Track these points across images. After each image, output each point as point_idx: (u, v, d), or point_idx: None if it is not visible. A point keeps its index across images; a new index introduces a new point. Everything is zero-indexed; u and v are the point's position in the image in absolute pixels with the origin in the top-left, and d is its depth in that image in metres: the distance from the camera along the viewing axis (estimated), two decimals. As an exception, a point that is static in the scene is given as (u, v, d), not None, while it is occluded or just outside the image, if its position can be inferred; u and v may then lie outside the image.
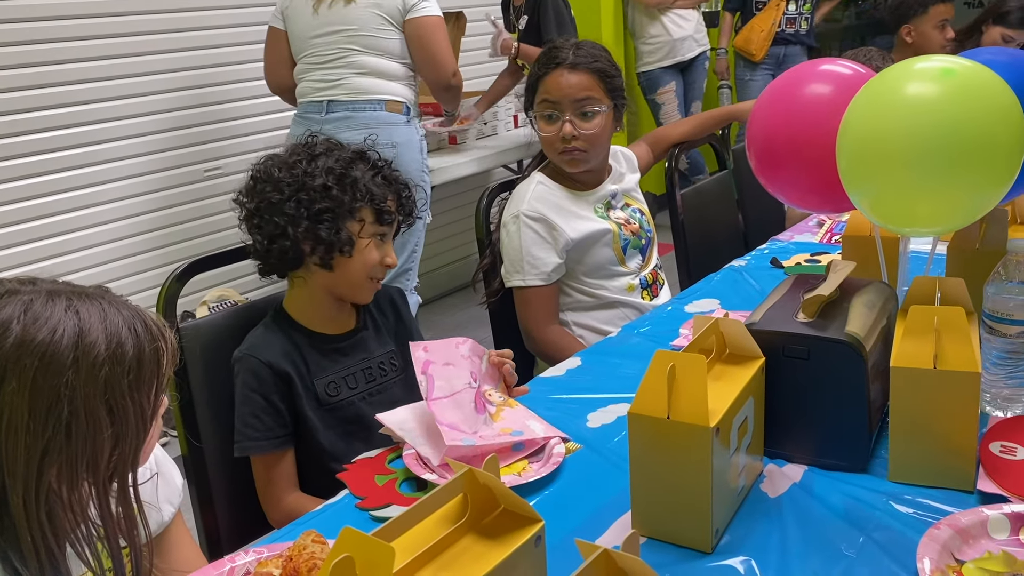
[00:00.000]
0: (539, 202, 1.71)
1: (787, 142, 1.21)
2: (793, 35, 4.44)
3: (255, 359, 1.30)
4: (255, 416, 1.28)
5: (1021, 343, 1.08)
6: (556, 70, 1.69)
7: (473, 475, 0.72)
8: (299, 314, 1.36)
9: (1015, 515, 0.90)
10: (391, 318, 1.46)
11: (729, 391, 0.95)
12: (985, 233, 1.29)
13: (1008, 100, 1.02)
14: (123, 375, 0.81)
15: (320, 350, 1.35)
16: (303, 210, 1.27)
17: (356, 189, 1.29)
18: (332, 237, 1.28)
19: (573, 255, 1.74)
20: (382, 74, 2.58)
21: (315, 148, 1.33)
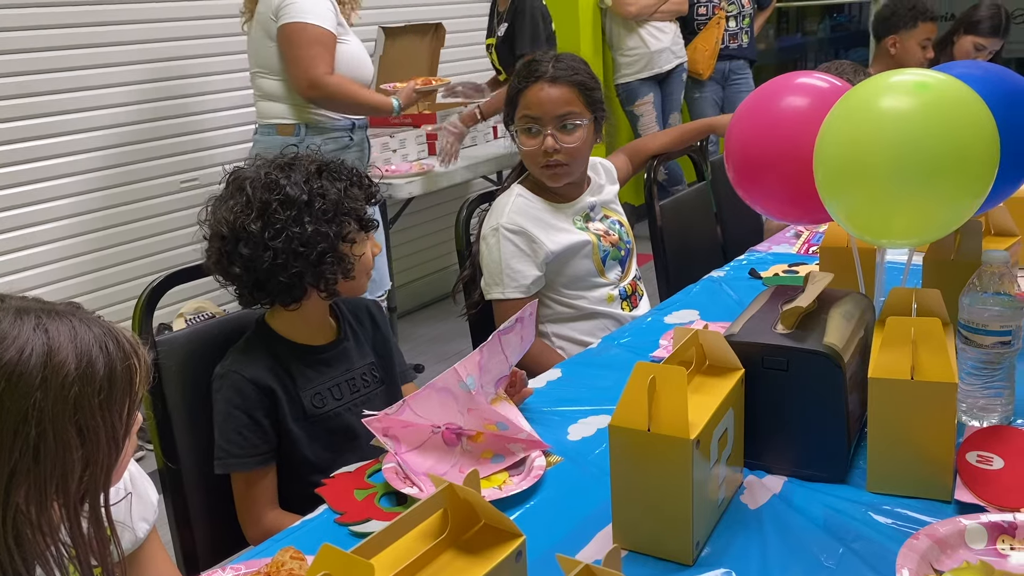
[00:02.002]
0: (519, 215, 1.71)
1: (765, 154, 1.22)
2: (736, 50, 4.52)
3: (238, 375, 1.28)
4: (238, 433, 1.26)
5: (996, 353, 1.09)
6: (536, 84, 1.70)
7: (453, 490, 0.72)
8: (282, 327, 1.34)
9: (992, 525, 0.90)
10: (369, 329, 1.45)
11: (709, 403, 0.95)
12: (960, 244, 1.31)
13: (981, 113, 1.04)
14: (94, 394, 0.79)
15: (305, 362, 1.33)
16: (303, 261, 1.24)
17: (339, 212, 1.27)
18: (337, 271, 1.28)
19: (553, 267, 1.74)
20: (271, 95, 2.57)
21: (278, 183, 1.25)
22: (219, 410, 1.29)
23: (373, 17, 3.71)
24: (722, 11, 4.46)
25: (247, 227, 1.23)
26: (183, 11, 3.11)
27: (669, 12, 4.41)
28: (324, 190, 1.26)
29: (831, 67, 2.25)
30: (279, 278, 1.24)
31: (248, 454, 1.27)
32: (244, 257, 1.24)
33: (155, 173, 3.10)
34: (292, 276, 1.24)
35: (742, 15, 4.51)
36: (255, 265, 1.24)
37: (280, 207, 1.24)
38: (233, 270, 1.26)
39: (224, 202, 1.27)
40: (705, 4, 4.46)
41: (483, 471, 1.09)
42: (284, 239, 1.23)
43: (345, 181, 1.30)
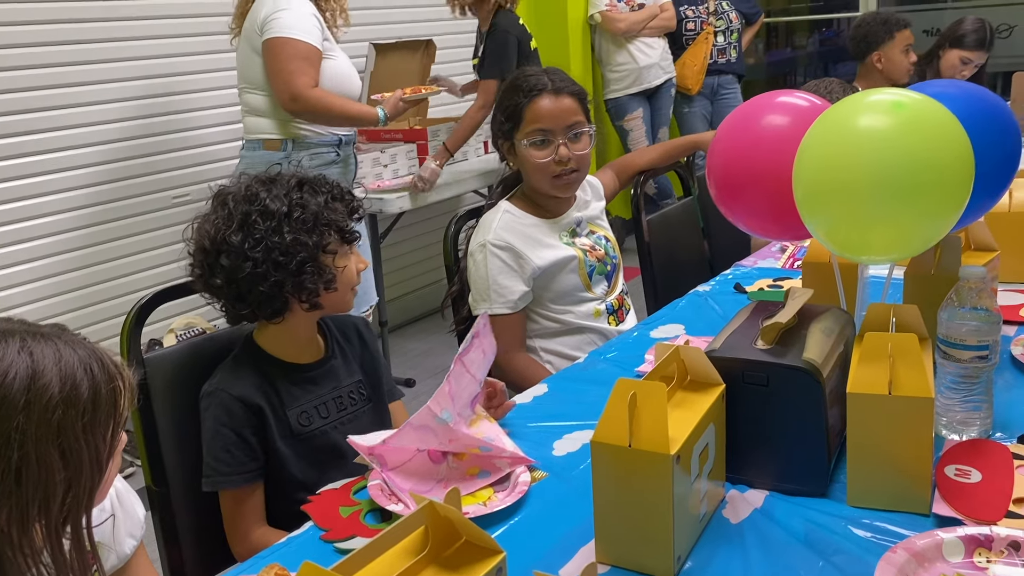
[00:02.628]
0: (506, 231, 1.73)
1: (746, 172, 1.24)
2: (725, 64, 4.57)
3: (226, 393, 1.28)
4: (226, 451, 1.27)
5: (974, 367, 1.11)
6: (541, 96, 1.71)
7: (434, 508, 0.72)
8: (270, 345, 1.35)
9: (969, 538, 0.91)
10: (357, 346, 1.46)
11: (690, 418, 0.96)
12: (940, 259, 1.32)
13: (956, 131, 1.05)
14: (77, 417, 0.79)
15: (292, 380, 1.34)
16: (283, 271, 1.25)
17: (319, 223, 1.28)
18: (318, 282, 1.28)
19: (540, 282, 1.75)
20: (257, 110, 2.58)
21: (258, 196, 1.28)
22: (207, 428, 1.29)
23: (364, 34, 3.73)
24: (710, 26, 4.51)
25: (228, 239, 1.25)
26: (173, 28, 3.12)
27: (658, 28, 4.45)
28: (304, 201, 1.28)
29: (819, 85, 2.28)
30: (259, 288, 1.26)
31: (236, 471, 1.27)
32: (225, 268, 1.26)
33: (146, 189, 3.11)
34: (272, 286, 1.26)
35: (730, 30, 4.56)
36: (236, 276, 1.26)
37: (260, 218, 1.26)
38: (214, 282, 1.28)
39: (207, 217, 1.30)
40: (694, 20, 4.51)
41: (468, 488, 1.10)
42: (264, 249, 1.25)
43: (326, 194, 1.32)
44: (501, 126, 1.77)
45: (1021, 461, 1.05)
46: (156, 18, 3.07)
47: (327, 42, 2.54)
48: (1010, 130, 1.21)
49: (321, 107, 2.49)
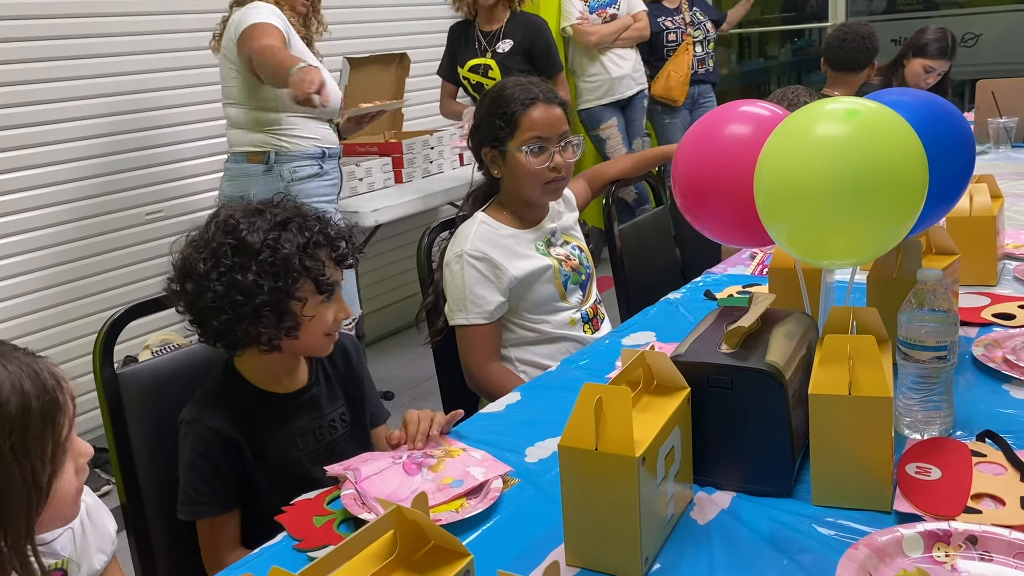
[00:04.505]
0: (482, 242, 1.74)
1: (709, 180, 1.26)
2: (704, 74, 4.63)
3: (203, 424, 1.27)
4: (203, 481, 1.26)
5: (934, 368, 1.14)
6: (535, 105, 1.74)
7: (401, 512, 0.74)
8: (249, 371, 1.33)
9: (928, 533, 0.94)
10: (342, 369, 1.44)
11: (655, 421, 0.98)
12: (901, 263, 1.35)
13: (909, 138, 1.08)
14: (4, 437, 0.75)
15: (271, 410, 1.32)
16: (239, 311, 1.22)
17: (290, 269, 1.23)
18: (275, 328, 1.24)
19: (516, 292, 1.77)
20: (238, 123, 2.60)
21: (238, 227, 1.24)
22: (184, 456, 1.28)
23: (338, 48, 3.74)
24: (690, 37, 4.56)
25: (195, 265, 1.23)
26: (147, 44, 3.13)
27: (631, 38, 4.50)
28: (279, 243, 1.23)
29: (786, 92, 2.32)
30: (213, 321, 1.23)
31: (212, 501, 1.26)
32: (187, 293, 1.24)
33: (120, 206, 3.10)
34: (226, 323, 1.23)
35: (707, 40, 4.62)
36: (195, 303, 1.24)
37: (231, 251, 1.22)
38: (178, 304, 1.27)
39: (189, 238, 1.28)
40: (674, 31, 4.56)
41: (443, 497, 1.11)
42: (225, 284, 1.21)
43: (310, 238, 1.26)
44: (492, 133, 1.76)
45: (980, 458, 1.08)
46: (128, 35, 3.07)
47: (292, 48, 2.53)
48: (964, 137, 1.24)
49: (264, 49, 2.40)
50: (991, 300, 1.62)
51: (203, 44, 2.85)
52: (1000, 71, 5.24)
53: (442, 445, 1.25)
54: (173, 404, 1.42)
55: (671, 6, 4.58)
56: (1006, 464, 1.05)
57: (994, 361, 1.36)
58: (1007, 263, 1.82)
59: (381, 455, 1.22)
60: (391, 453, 1.22)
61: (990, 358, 1.37)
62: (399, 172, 3.62)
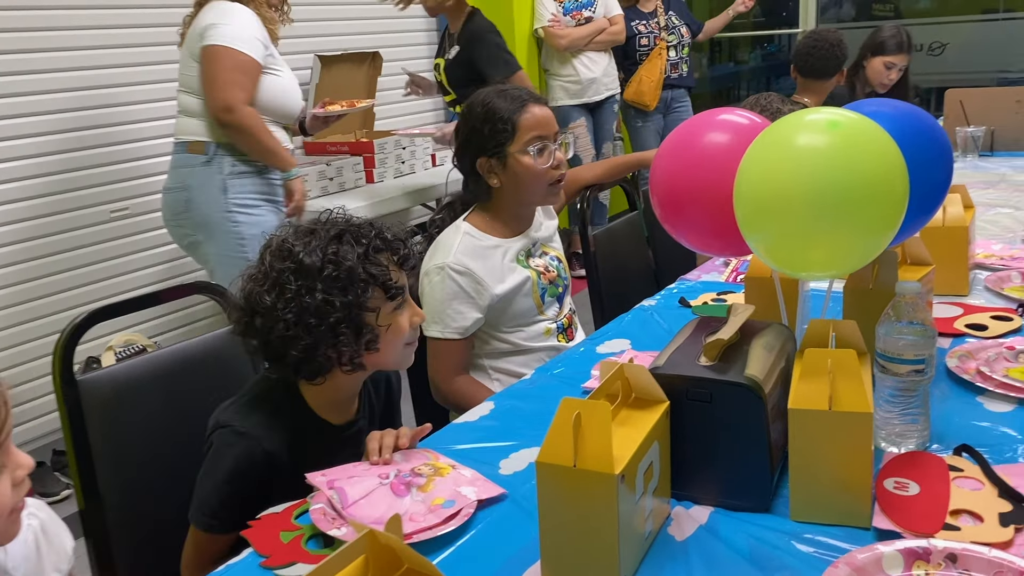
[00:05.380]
0: (466, 255, 1.70)
1: (688, 189, 1.25)
2: (677, 79, 4.65)
3: (258, 445, 1.19)
4: (233, 498, 1.19)
5: (911, 381, 1.13)
6: (529, 105, 1.72)
7: (374, 536, 0.71)
8: (314, 397, 1.27)
9: (908, 551, 0.93)
10: (383, 404, 1.41)
11: (635, 436, 0.96)
12: (878, 274, 1.35)
13: (890, 150, 1.08)
14: None
15: (322, 440, 1.27)
16: (316, 334, 1.17)
17: (355, 282, 1.19)
18: (355, 345, 1.20)
19: (496, 308, 1.73)
20: (188, 111, 2.53)
21: (293, 251, 1.20)
22: (223, 467, 1.20)
23: (309, 45, 3.70)
24: (663, 41, 4.56)
25: (261, 298, 1.19)
26: (110, 39, 3.06)
27: (605, 42, 4.50)
28: (340, 256, 1.19)
29: (759, 99, 2.32)
30: (292, 352, 1.18)
31: (233, 520, 1.17)
32: (258, 329, 1.19)
33: (83, 203, 3.03)
34: (305, 349, 1.18)
35: (681, 45, 4.63)
36: (268, 338, 1.19)
37: (292, 276, 1.18)
38: (251, 343, 1.21)
39: (249, 271, 1.24)
40: (647, 35, 4.57)
41: (435, 519, 1.06)
42: (295, 310, 1.17)
43: (367, 245, 1.22)
44: (490, 141, 1.71)
45: (957, 473, 1.07)
46: (92, 28, 3.00)
47: (270, 56, 2.49)
48: (942, 148, 1.24)
49: (250, 128, 2.43)
50: (964, 310, 1.63)
51: (171, 39, 2.79)
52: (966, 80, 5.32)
53: (430, 460, 1.20)
54: (137, 408, 1.39)
55: (646, 10, 4.59)
56: (983, 479, 1.05)
57: (968, 373, 1.36)
58: (978, 273, 1.83)
59: (366, 472, 1.16)
60: (377, 470, 1.16)
61: (964, 369, 1.37)
62: (370, 172, 3.58)
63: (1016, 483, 1.03)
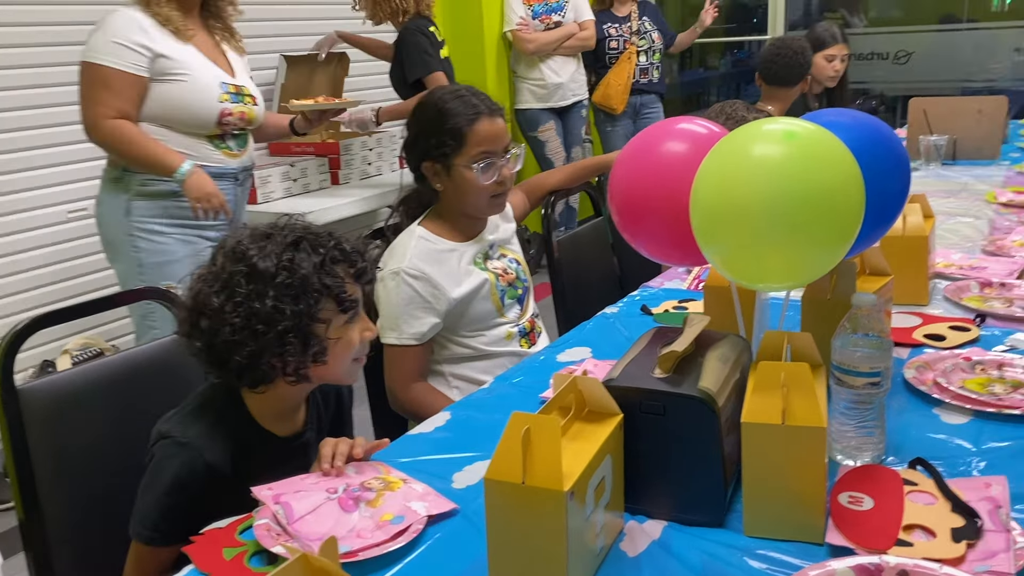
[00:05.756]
0: (421, 260, 1.68)
1: (645, 198, 1.23)
2: (647, 84, 4.66)
3: (200, 457, 1.16)
4: (174, 511, 1.16)
5: (867, 394, 1.12)
6: (480, 119, 1.68)
7: (308, 560, 0.68)
8: (257, 407, 1.24)
9: (860, 568, 0.92)
10: (332, 415, 1.38)
11: (587, 450, 0.94)
12: (835, 284, 1.34)
13: (846, 160, 1.07)
14: None
15: (268, 452, 1.24)
16: (262, 340, 1.14)
17: (308, 291, 1.16)
18: (302, 355, 1.17)
19: (454, 311, 1.71)
20: None
21: (247, 254, 1.17)
22: (163, 479, 1.16)
23: (275, 45, 3.65)
24: (633, 46, 4.57)
25: (209, 300, 1.15)
26: (68, 35, 2.99)
27: (574, 47, 4.49)
28: (295, 264, 1.16)
29: (724, 107, 2.32)
30: (236, 357, 1.15)
31: (175, 532, 1.15)
32: (204, 332, 1.16)
33: (40, 203, 2.96)
34: (249, 356, 1.15)
35: (652, 50, 4.63)
36: (213, 341, 1.15)
37: (244, 279, 1.15)
38: (194, 345, 1.17)
39: (199, 273, 1.20)
40: (616, 38, 4.57)
41: (383, 535, 1.04)
42: (244, 314, 1.14)
43: (325, 255, 1.19)
44: (436, 148, 1.69)
45: (911, 487, 1.07)
46: (46, 25, 2.94)
47: (166, 60, 2.21)
48: (900, 159, 1.24)
49: (114, 144, 2.22)
50: (922, 320, 1.63)
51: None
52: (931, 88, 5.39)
53: (381, 474, 1.18)
54: (83, 418, 1.35)
55: (620, 14, 4.59)
56: (937, 494, 1.04)
57: (925, 384, 1.36)
58: (938, 283, 1.83)
59: (314, 486, 1.13)
60: (326, 484, 1.13)
61: (921, 381, 1.37)
62: (335, 173, 3.54)
63: (969, 497, 1.03)
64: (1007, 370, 1.40)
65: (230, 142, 2.39)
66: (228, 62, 2.38)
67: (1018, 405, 1.26)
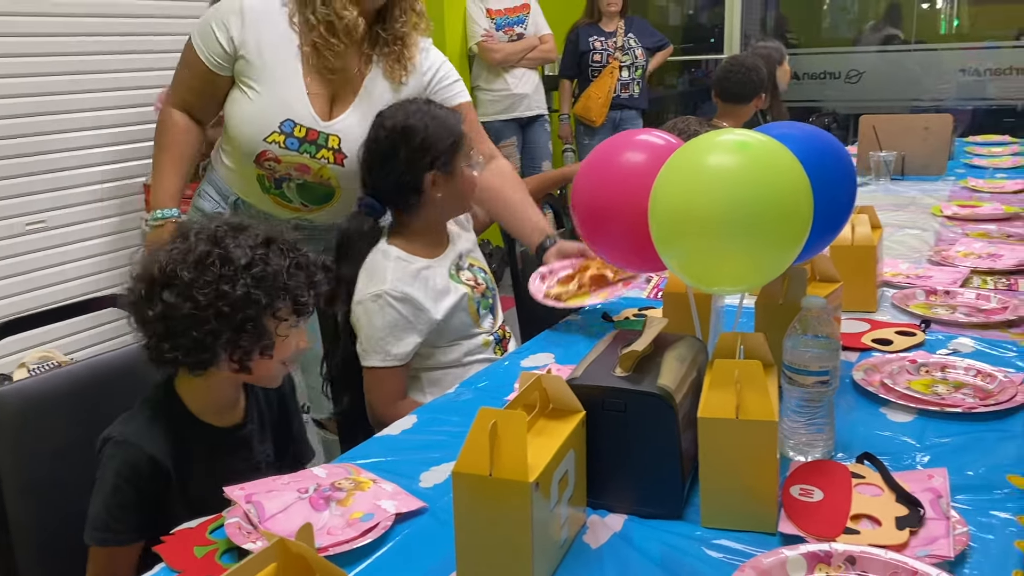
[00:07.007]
0: (402, 281, 1.68)
1: (607, 207, 1.28)
2: (628, 99, 4.74)
3: (139, 450, 1.20)
4: (121, 508, 1.19)
5: (816, 392, 1.18)
6: (461, 121, 1.74)
7: (285, 544, 0.71)
8: (192, 400, 1.28)
9: (810, 555, 0.96)
10: (276, 409, 1.41)
11: (550, 445, 0.98)
12: (787, 290, 1.40)
13: (795, 171, 1.13)
14: None
15: (206, 445, 1.27)
16: (222, 321, 1.19)
17: (276, 287, 1.22)
18: (254, 344, 1.22)
19: (435, 328, 1.72)
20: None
21: (224, 239, 1.22)
22: (107, 479, 1.20)
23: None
24: (616, 60, 4.66)
25: (179, 272, 1.19)
26: (30, 46, 2.97)
27: (536, 59, 4.57)
28: (268, 259, 1.22)
29: (677, 123, 2.39)
30: (192, 332, 1.18)
31: (128, 529, 1.19)
32: (164, 302, 1.19)
33: (-3, 215, 2.93)
34: (206, 334, 1.19)
35: (635, 66, 4.73)
36: (173, 313, 1.18)
37: (218, 261, 1.19)
38: (147, 313, 1.20)
39: (164, 247, 1.23)
40: (600, 52, 4.66)
41: (353, 532, 1.06)
42: (211, 293, 1.18)
43: (291, 260, 1.25)
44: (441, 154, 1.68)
45: (859, 480, 1.12)
46: (8, 35, 2.92)
47: (245, 63, 1.80)
48: (846, 169, 1.30)
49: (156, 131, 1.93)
50: (871, 326, 1.70)
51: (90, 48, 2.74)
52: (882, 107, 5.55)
53: (351, 475, 1.20)
54: (44, 428, 1.34)
55: (607, 29, 4.70)
56: (883, 486, 1.10)
57: (872, 385, 1.42)
58: (886, 290, 1.91)
59: (285, 486, 1.16)
60: (297, 484, 1.16)
61: (869, 382, 1.43)
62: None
63: (913, 488, 1.08)
64: (950, 372, 1.47)
65: (287, 190, 1.90)
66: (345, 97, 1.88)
67: (959, 404, 1.33)
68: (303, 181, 1.87)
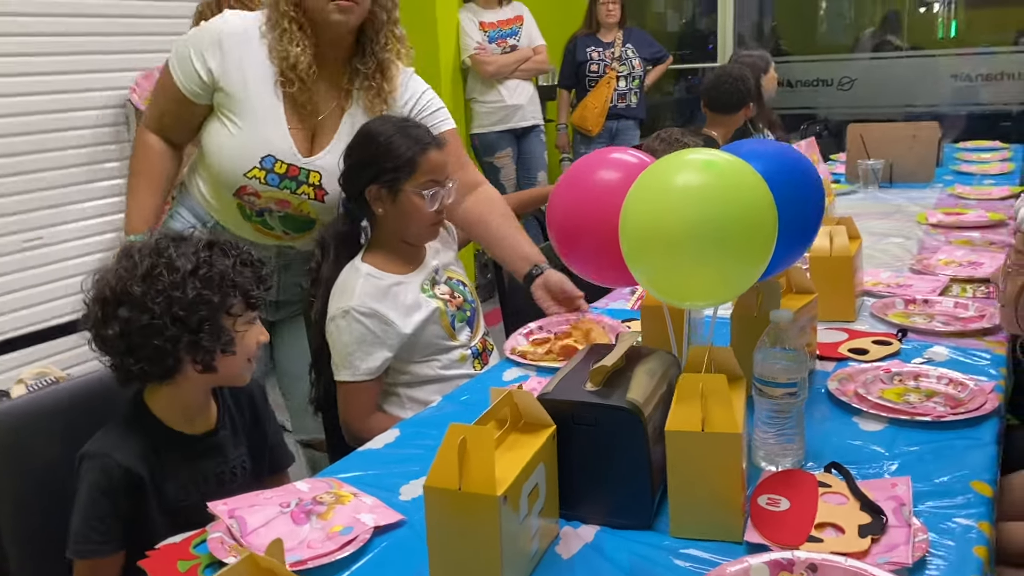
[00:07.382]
0: (370, 298, 1.71)
1: (581, 224, 1.32)
2: (625, 109, 4.78)
3: (110, 459, 1.24)
4: (100, 520, 1.23)
5: (785, 403, 1.21)
6: (430, 148, 1.73)
7: (254, 560, 0.74)
8: (162, 410, 1.32)
9: (774, 563, 0.99)
10: (248, 415, 1.44)
11: (519, 459, 1.01)
12: (761, 302, 1.43)
13: (760, 188, 1.16)
14: None
15: (179, 451, 1.32)
16: (181, 325, 1.24)
17: (224, 284, 1.28)
18: (215, 343, 1.27)
19: (407, 343, 1.75)
20: None
21: (167, 251, 1.27)
22: (84, 492, 1.24)
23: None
24: (613, 71, 4.70)
25: (129, 289, 1.24)
26: (27, 65, 3.02)
27: (530, 71, 4.61)
28: (212, 260, 1.28)
29: (659, 133, 2.43)
30: (153, 342, 1.23)
31: (107, 540, 1.24)
32: (121, 319, 1.23)
33: (-5, 232, 2.97)
34: (167, 341, 1.24)
35: (632, 76, 4.77)
36: (131, 327, 1.23)
37: (165, 271, 1.25)
38: (106, 332, 1.25)
39: (110, 269, 1.28)
40: (597, 62, 4.70)
41: (333, 545, 1.09)
42: (164, 301, 1.23)
43: (235, 258, 1.31)
44: (388, 172, 1.71)
45: (826, 489, 1.15)
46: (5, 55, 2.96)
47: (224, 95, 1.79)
48: (813, 185, 1.33)
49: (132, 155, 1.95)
50: (848, 335, 1.72)
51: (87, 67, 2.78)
52: (875, 114, 5.58)
53: (332, 489, 1.23)
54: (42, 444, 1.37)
55: (605, 40, 4.74)
56: (848, 494, 1.13)
57: (846, 395, 1.44)
58: (866, 300, 1.93)
59: (268, 501, 1.19)
60: (279, 498, 1.20)
61: (843, 392, 1.45)
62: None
63: (877, 496, 1.11)
64: (922, 380, 1.49)
65: (268, 218, 1.90)
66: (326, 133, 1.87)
67: (929, 412, 1.35)
68: (284, 213, 1.89)
